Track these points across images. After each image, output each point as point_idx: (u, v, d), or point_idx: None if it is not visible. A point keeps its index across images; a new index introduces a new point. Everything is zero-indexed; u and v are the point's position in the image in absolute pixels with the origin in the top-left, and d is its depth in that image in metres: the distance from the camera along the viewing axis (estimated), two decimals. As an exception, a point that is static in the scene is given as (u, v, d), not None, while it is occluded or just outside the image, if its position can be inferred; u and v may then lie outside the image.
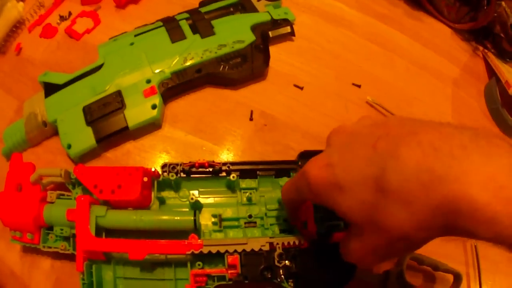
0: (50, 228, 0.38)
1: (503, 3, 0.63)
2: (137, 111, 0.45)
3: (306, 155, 0.44)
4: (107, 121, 0.44)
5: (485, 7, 0.62)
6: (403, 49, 0.58)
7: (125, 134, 0.45)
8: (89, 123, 0.44)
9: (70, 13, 0.55)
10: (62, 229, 0.37)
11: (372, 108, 0.52)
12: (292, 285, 0.38)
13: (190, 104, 0.48)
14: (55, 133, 0.45)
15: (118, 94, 0.46)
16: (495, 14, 0.63)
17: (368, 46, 0.57)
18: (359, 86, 0.52)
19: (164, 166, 0.41)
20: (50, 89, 0.47)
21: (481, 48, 0.65)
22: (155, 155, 0.46)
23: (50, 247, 0.38)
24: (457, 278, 0.45)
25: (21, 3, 0.54)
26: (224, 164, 0.42)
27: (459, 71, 0.60)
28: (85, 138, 0.44)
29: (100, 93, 0.46)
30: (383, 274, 0.43)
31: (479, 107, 0.60)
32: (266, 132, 0.47)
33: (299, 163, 0.43)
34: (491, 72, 0.63)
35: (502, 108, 0.59)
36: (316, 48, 0.54)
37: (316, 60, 0.53)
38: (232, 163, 0.42)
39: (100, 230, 0.37)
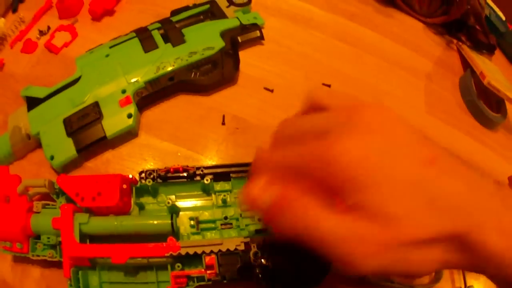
0: (38, 237, 0.40)
1: (476, -6, 0.64)
2: (114, 120, 0.47)
3: None
4: (86, 131, 0.46)
5: (458, 0, 0.63)
6: (373, 47, 0.59)
7: (104, 144, 0.47)
8: (69, 134, 0.46)
9: (48, 28, 0.57)
10: (49, 238, 0.39)
11: (342, 107, 0.53)
12: (270, 282, 0.40)
13: (165, 111, 0.50)
14: (39, 145, 0.47)
15: (96, 105, 0.47)
16: (468, 7, 0.64)
17: (338, 45, 0.58)
18: (329, 86, 0.54)
19: (141, 172, 0.43)
20: (32, 102, 0.48)
21: (455, 41, 0.66)
22: (134, 163, 0.47)
23: (38, 256, 0.39)
24: (437, 272, 0.45)
25: (2, 19, 0.56)
26: (198, 168, 0.43)
27: (433, 65, 0.62)
28: (66, 149, 0.45)
29: (79, 105, 0.47)
30: None
31: (454, 100, 0.61)
32: (239, 135, 0.49)
33: None
34: (466, 65, 0.64)
35: (478, 100, 0.60)
36: (286, 51, 0.56)
37: (286, 62, 0.55)
38: (206, 167, 0.43)
39: (85, 237, 0.39)
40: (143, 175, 0.43)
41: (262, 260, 0.40)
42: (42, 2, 0.58)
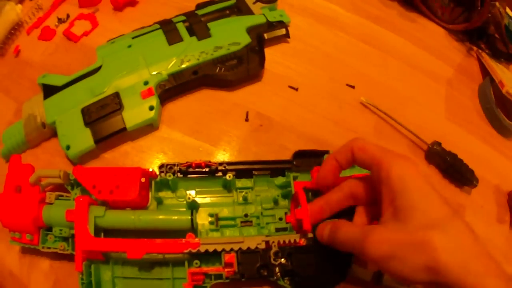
0: (49, 229, 0.38)
1: (497, 3, 0.64)
2: (135, 112, 0.45)
3: (300, 155, 0.45)
4: (105, 122, 0.45)
5: (479, 8, 0.63)
6: (396, 50, 0.59)
7: (123, 135, 0.46)
8: (87, 124, 0.45)
9: (68, 16, 0.56)
10: (61, 230, 0.38)
11: (366, 109, 0.53)
12: (288, 282, 0.39)
13: (187, 105, 0.49)
14: (54, 134, 0.46)
15: (116, 95, 0.46)
16: (489, 15, 0.64)
17: (362, 47, 0.57)
18: (353, 87, 0.53)
19: (161, 166, 0.41)
20: (49, 91, 0.47)
21: (475, 48, 0.66)
22: (153, 156, 0.46)
23: (49, 248, 0.38)
24: None
25: (19, 6, 0.55)
26: (220, 164, 0.42)
27: (453, 71, 0.61)
28: (83, 139, 0.44)
29: (98, 95, 0.46)
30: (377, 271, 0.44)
31: (473, 107, 0.60)
32: (262, 133, 0.48)
33: (294, 162, 0.44)
34: (485, 72, 0.64)
35: (496, 108, 0.60)
36: (311, 50, 0.55)
37: (311, 62, 0.54)
38: (228, 163, 0.42)
39: (99, 230, 0.38)
40: (163, 168, 0.41)
41: (283, 259, 0.39)
42: (61, -11, 0.57)
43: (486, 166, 0.56)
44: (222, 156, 0.47)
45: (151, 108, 0.46)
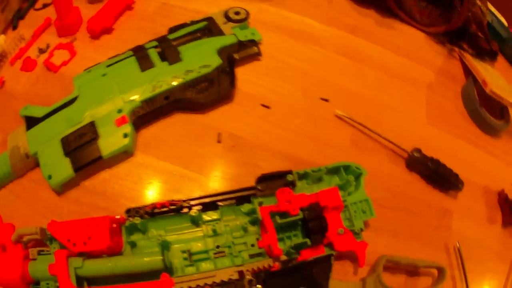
0: (38, 283, 0.39)
1: (477, 1, 0.62)
2: (110, 140, 0.45)
3: (264, 179, 0.44)
4: (83, 151, 0.45)
5: (459, 8, 0.60)
6: (373, 59, 0.57)
7: (101, 163, 0.45)
8: (66, 154, 0.45)
9: (48, 46, 0.56)
10: (48, 283, 0.38)
11: (341, 121, 0.51)
12: None
13: (161, 130, 0.48)
14: (38, 164, 0.46)
15: (92, 124, 0.46)
16: (469, 14, 0.61)
17: (338, 59, 0.55)
18: (327, 101, 0.51)
19: (128, 211, 0.41)
20: (31, 122, 0.47)
21: (456, 49, 0.63)
22: (131, 182, 0.46)
23: None
24: (441, 271, 0.44)
25: (2, 36, 0.55)
26: (184, 201, 0.42)
27: (434, 75, 0.59)
28: (63, 168, 0.44)
29: (76, 124, 0.46)
30: (360, 282, 0.43)
31: (456, 109, 0.58)
32: (235, 153, 0.47)
33: (258, 187, 0.43)
34: (468, 73, 0.61)
35: (480, 108, 0.58)
36: (284, 66, 0.53)
37: (284, 78, 0.52)
38: (192, 199, 0.42)
39: (81, 279, 0.38)
40: (130, 213, 0.41)
41: (258, 286, 0.39)
42: (41, 19, 0.57)
43: (472, 168, 0.54)
44: (196, 179, 0.46)
45: (125, 135, 0.45)
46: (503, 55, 0.70)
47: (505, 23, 0.69)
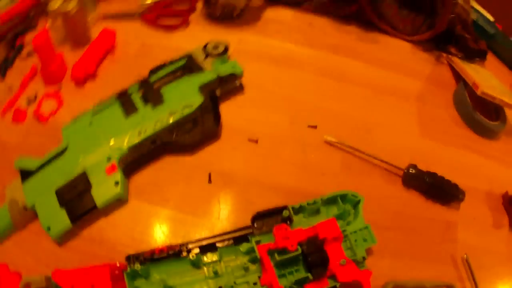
0: None
1: (459, 0, 0.60)
2: (102, 189, 0.45)
3: (259, 217, 0.43)
4: (77, 202, 0.45)
5: (441, 12, 0.59)
6: (358, 77, 0.56)
7: (97, 212, 0.45)
8: (62, 205, 0.45)
9: (36, 96, 0.56)
10: None
11: (331, 146, 0.50)
12: None
13: (152, 175, 0.48)
14: (37, 216, 0.46)
15: (84, 175, 0.46)
16: (453, 15, 0.60)
17: (322, 81, 0.55)
18: (315, 127, 0.50)
19: (127, 258, 0.41)
20: (25, 174, 0.47)
21: (444, 54, 0.62)
22: (128, 228, 0.45)
23: None
24: None
25: (-9, 88, 0.55)
26: (182, 245, 0.41)
27: (423, 84, 0.57)
28: (60, 220, 0.44)
29: (69, 174, 0.46)
30: None
31: (448, 117, 0.57)
32: (227, 192, 0.46)
33: (255, 225, 0.42)
34: (458, 78, 0.60)
35: (474, 112, 0.56)
36: (269, 96, 0.53)
37: (270, 108, 0.52)
38: (190, 242, 0.42)
39: None
40: (130, 260, 0.41)
41: None
42: (28, 67, 0.57)
43: (472, 175, 0.52)
44: (190, 221, 0.45)
45: (117, 183, 0.45)
46: (492, 52, 0.68)
47: (491, 19, 0.68)
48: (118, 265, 0.40)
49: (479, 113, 0.57)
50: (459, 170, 0.51)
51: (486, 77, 0.61)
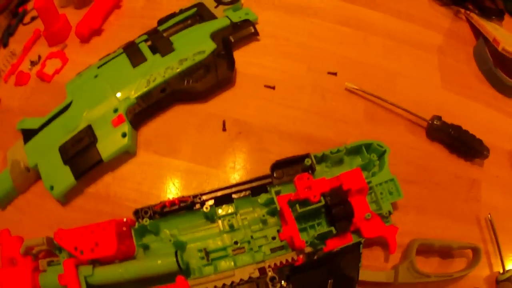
0: None
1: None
2: (109, 142, 0.40)
3: (279, 165, 0.37)
4: (82, 157, 0.40)
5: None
6: (377, 27, 0.50)
7: (103, 166, 0.40)
8: (66, 162, 0.40)
9: (39, 57, 0.51)
10: None
11: (352, 94, 0.44)
12: None
13: (162, 125, 0.42)
14: (40, 177, 0.41)
15: (89, 128, 0.41)
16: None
17: (339, 30, 0.49)
18: (335, 74, 0.44)
19: (136, 212, 0.36)
20: (28, 135, 0.43)
21: (462, 10, 0.56)
22: (135, 183, 0.40)
23: None
24: (476, 252, 0.38)
25: (-7, 56, 0.50)
26: (195, 196, 0.36)
27: (443, 38, 0.52)
28: (64, 177, 0.39)
29: (73, 131, 0.41)
30: (392, 270, 0.37)
31: (470, 71, 0.51)
32: (242, 140, 0.40)
33: (274, 175, 0.37)
34: (477, 33, 0.54)
35: (495, 68, 0.51)
36: (284, 43, 0.47)
37: (286, 56, 0.46)
38: (203, 193, 0.36)
39: None
40: (138, 214, 0.36)
41: (282, 283, 0.33)
42: (31, 33, 0.51)
43: (495, 133, 0.47)
44: (203, 172, 0.40)
45: (124, 135, 0.40)
46: (508, 13, 0.62)
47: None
48: (125, 220, 0.35)
49: (500, 70, 0.51)
50: (481, 126, 0.45)
51: (505, 35, 0.56)
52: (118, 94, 0.41)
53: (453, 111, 0.45)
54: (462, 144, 0.43)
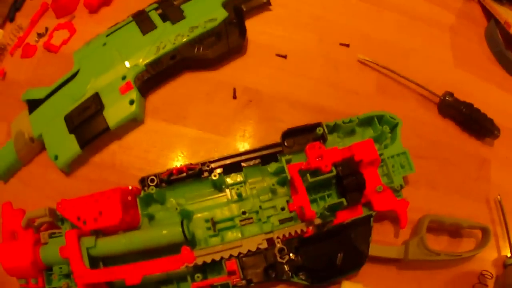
0: (51, 269, 0.33)
1: None
2: (116, 109, 0.38)
3: (290, 134, 0.36)
4: (88, 125, 0.38)
5: None
6: (391, 2, 0.48)
7: (109, 135, 0.38)
8: (71, 130, 0.38)
9: (46, 29, 0.49)
10: (61, 268, 0.32)
11: (365, 66, 0.42)
12: (303, 278, 0.31)
13: (170, 92, 0.40)
14: (44, 147, 0.39)
15: (96, 96, 0.39)
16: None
17: (352, 3, 0.47)
18: (347, 45, 0.43)
19: (142, 180, 0.34)
20: (33, 105, 0.41)
21: (474, -8, 0.54)
22: (142, 150, 0.38)
23: None
24: (485, 232, 0.37)
25: (0, 31, 0.48)
26: (203, 164, 0.34)
27: (455, 18, 0.50)
28: (69, 146, 0.38)
29: (79, 99, 0.39)
30: (402, 246, 0.35)
31: (482, 52, 0.49)
32: (253, 109, 0.39)
33: (285, 143, 0.35)
34: (489, 16, 0.53)
35: (506, 50, 0.49)
36: (296, 14, 0.45)
37: (297, 26, 0.44)
38: (212, 161, 0.34)
39: (96, 260, 0.31)
40: (144, 183, 0.34)
41: (291, 255, 0.31)
42: (38, 5, 0.49)
43: (506, 114, 0.45)
44: (212, 140, 0.38)
45: (132, 102, 0.38)
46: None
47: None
48: (130, 188, 0.33)
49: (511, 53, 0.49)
50: (492, 106, 0.44)
51: (516, 18, 0.54)
52: (127, 62, 0.40)
53: (465, 89, 0.44)
54: (474, 122, 0.42)
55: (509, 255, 0.37)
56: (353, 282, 0.33)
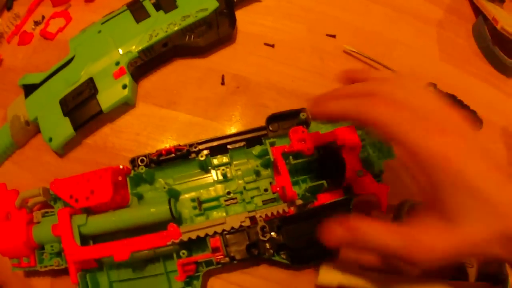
0: (43, 248, 0.35)
1: None
2: (109, 93, 0.40)
3: (274, 118, 0.38)
4: (82, 108, 0.40)
5: None
6: (379, -4, 0.51)
7: (102, 118, 0.41)
8: (66, 114, 0.41)
9: (43, 17, 0.52)
10: (52, 246, 0.34)
11: (350, 57, 0.45)
12: (284, 257, 0.33)
13: (162, 78, 0.43)
14: (39, 130, 0.42)
15: (90, 81, 0.41)
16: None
17: (340, -5, 0.50)
18: (334, 36, 0.45)
19: (132, 160, 0.37)
20: (29, 90, 0.43)
21: (463, -12, 0.57)
22: (133, 133, 0.41)
23: (46, 266, 0.35)
24: None
25: (-2, 20, 0.51)
26: (191, 145, 0.36)
27: (443, 12, 0.53)
28: (63, 128, 0.40)
29: (74, 84, 0.42)
30: (396, 207, 0.37)
31: (469, 47, 0.52)
32: (241, 95, 0.41)
33: (269, 127, 0.38)
34: (477, 12, 0.56)
35: (493, 46, 0.52)
36: (286, 5, 0.47)
37: (286, 16, 0.46)
38: (199, 143, 0.37)
39: (87, 238, 0.34)
40: (135, 162, 0.37)
41: (273, 233, 0.34)
42: (35, -4, 0.52)
43: (489, 107, 0.47)
44: (200, 123, 0.40)
45: (124, 86, 0.41)
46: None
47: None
48: (121, 167, 0.35)
49: (498, 49, 0.52)
50: (476, 99, 0.46)
51: (505, 17, 0.57)
52: (121, 48, 0.42)
53: (449, 82, 0.46)
54: (456, 113, 0.44)
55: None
56: (332, 266, 0.35)
